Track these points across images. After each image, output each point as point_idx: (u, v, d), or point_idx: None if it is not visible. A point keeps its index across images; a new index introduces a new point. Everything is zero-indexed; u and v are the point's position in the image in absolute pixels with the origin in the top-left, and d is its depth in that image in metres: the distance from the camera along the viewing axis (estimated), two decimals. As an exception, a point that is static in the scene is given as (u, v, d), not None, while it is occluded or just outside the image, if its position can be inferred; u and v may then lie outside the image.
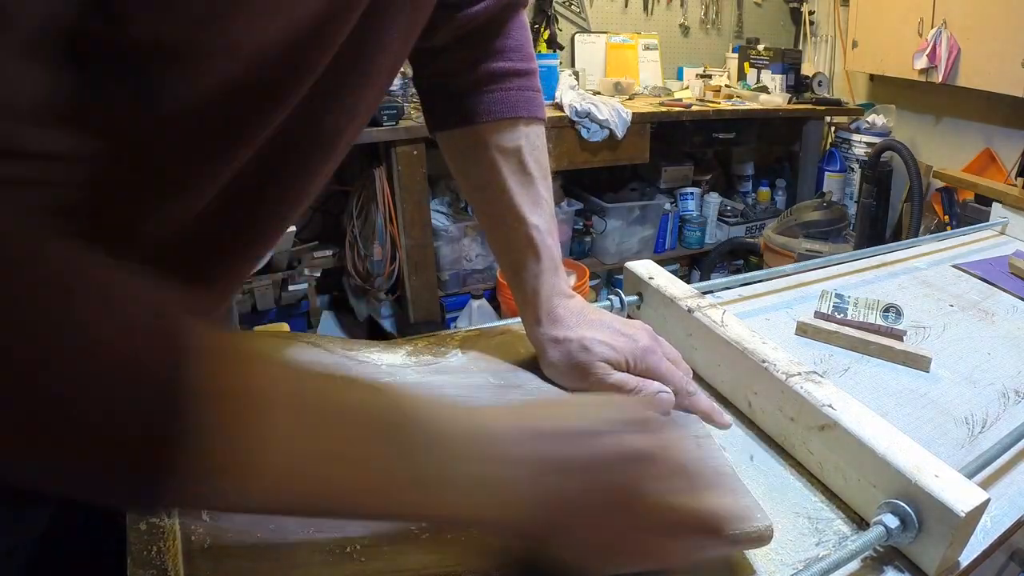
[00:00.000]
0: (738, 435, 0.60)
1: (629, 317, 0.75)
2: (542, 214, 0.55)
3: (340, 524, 0.39)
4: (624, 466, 0.34)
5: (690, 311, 0.67)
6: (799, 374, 0.56)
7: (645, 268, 0.75)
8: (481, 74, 0.53)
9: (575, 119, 2.21)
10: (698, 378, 0.68)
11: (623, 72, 2.77)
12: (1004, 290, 0.92)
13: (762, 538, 0.42)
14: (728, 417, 0.55)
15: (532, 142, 0.55)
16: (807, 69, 3.05)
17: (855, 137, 2.90)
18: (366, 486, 0.29)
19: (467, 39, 0.53)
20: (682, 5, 3.01)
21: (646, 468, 0.34)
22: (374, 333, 2.36)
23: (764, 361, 0.58)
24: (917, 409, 0.64)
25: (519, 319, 0.62)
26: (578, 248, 2.62)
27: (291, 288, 2.15)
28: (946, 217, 2.54)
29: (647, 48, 2.89)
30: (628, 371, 0.53)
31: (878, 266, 0.98)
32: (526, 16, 0.56)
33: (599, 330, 0.54)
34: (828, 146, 3.05)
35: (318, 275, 2.23)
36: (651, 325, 0.74)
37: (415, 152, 1.98)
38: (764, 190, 3.14)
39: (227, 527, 0.38)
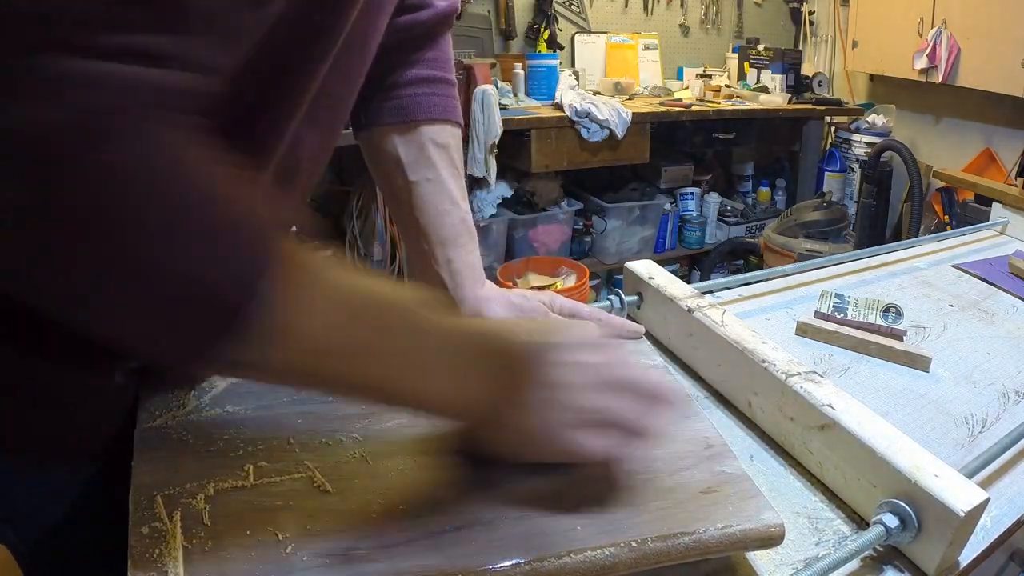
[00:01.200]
0: (738, 435, 0.60)
1: (629, 317, 0.75)
2: (467, 204, 0.64)
3: (339, 530, 0.38)
4: (564, 373, 0.40)
5: (690, 311, 0.67)
6: (799, 374, 0.56)
7: (645, 268, 0.76)
8: (416, 77, 0.61)
9: (575, 119, 2.21)
10: (697, 378, 0.68)
11: (623, 72, 2.77)
12: (1004, 290, 0.92)
13: (772, 539, 0.41)
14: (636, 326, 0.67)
15: (457, 143, 0.64)
16: (807, 69, 3.05)
17: (855, 137, 2.90)
18: (368, 362, 0.37)
19: (403, 44, 0.60)
20: (682, 5, 3.01)
21: (583, 376, 0.41)
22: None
23: (764, 361, 0.58)
24: (917, 409, 0.64)
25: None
26: (578, 248, 2.62)
27: (291, 288, 2.14)
28: (946, 217, 2.54)
29: (647, 48, 2.89)
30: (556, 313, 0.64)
31: (878, 266, 0.98)
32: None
33: (520, 293, 0.66)
34: (828, 146, 3.05)
35: (318, 275, 2.22)
36: (651, 325, 0.75)
37: (415, 152, 1.97)
38: (764, 190, 3.14)
39: (226, 531, 0.38)
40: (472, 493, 0.42)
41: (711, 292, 0.83)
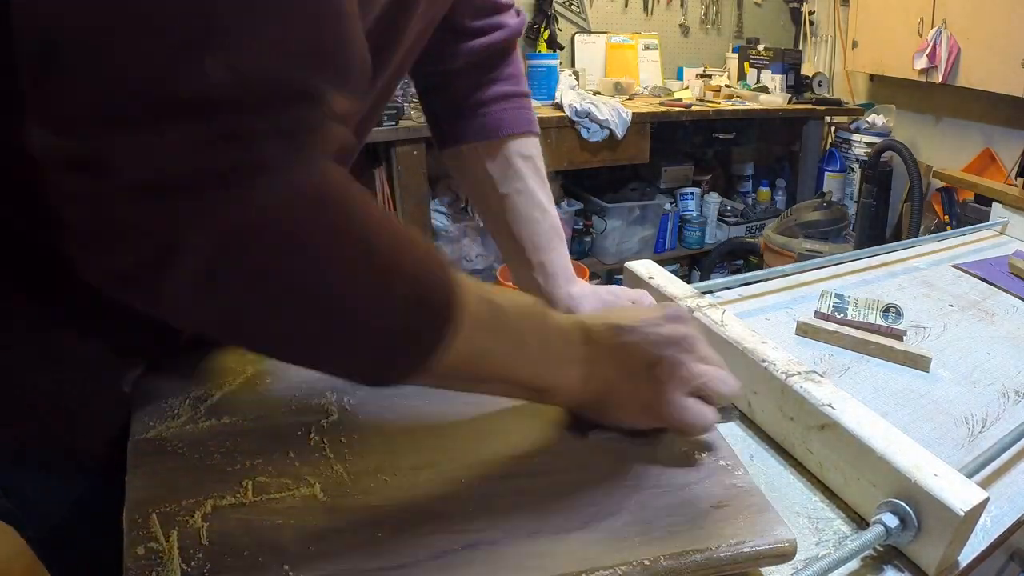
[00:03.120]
0: (738, 435, 0.60)
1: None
2: (554, 208, 0.69)
3: (342, 550, 0.37)
4: (658, 348, 0.46)
5: (690, 311, 0.67)
6: (799, 374, 0.56)
7: (645, 268, 0.76)
8: (497, 94, 0.66)
9: (575, 119, 2.21)
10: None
11: (623, 72, 2.76)
12: (1004, 290, 0.92)
13: (785, 554, 0.41)
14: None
15: (539, 152, 0.69)
16: (807, 69, 3.05)
17: (855, 137, 2.90)
18: (512, 362, 0.42)
19: (481, 64, 0.65)
20: (682, 5, 3.01)
21: (674, 348, 0.46)
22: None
23: (764, 361, 0.58)
24: (917, 409, 0.64)
25: None
26: (578, 248, 2.62)
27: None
28: (946, 217, 2.54)
29: (647, 48, 2.89)
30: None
31: (878, 266, 0.98)
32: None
33: (609, 289, 0.70)
34: (828, 146, 3.05)
35: (318, 275, 2.22)
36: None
37: (415, 152, 1.98)
38: (764, 190, 3.14)
39: (225, 552, 0.36)
40: (481, 510, 0.41)
41: (711, 292, 0.83)
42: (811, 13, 3.25)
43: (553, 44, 2.64)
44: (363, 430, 0.47)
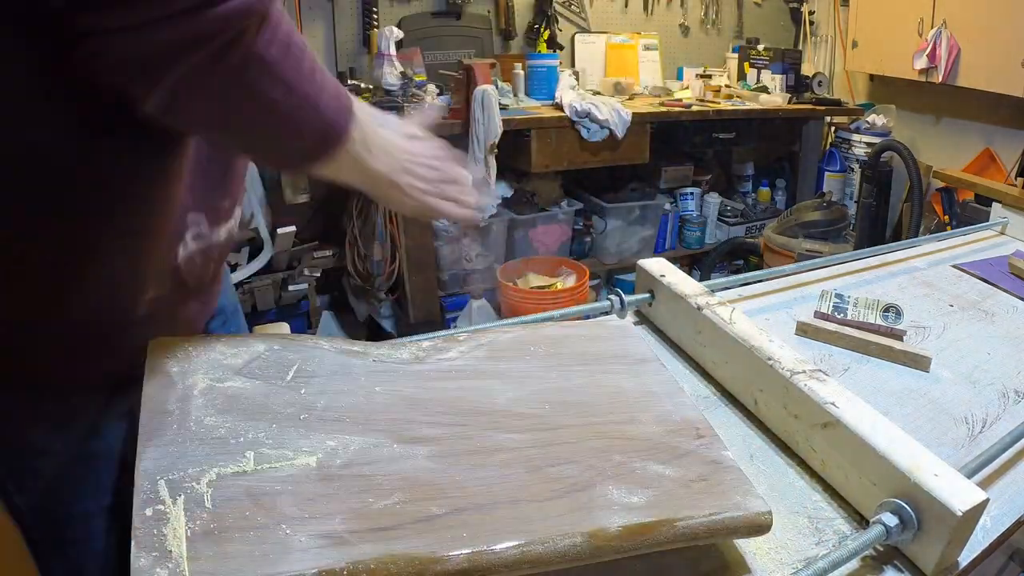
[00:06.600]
0: (742, 433, 0.60)
1: (638, 314, 0.75)
2: None
3: (336, 514, 0.39)
4: (414, 145, 0.59)
5: (699, 308, 0.67)
6: (803, 372, 0.56)
7: (657, 266, 0.76)
8: None
9: (575, 119, 2.20)
10: (706, 375, 0.68)
11: (623, 72, 2.76)
12: (1004, 290, 0.92)
13: (760, 526, 0.42)
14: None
15: None
16: (807, 69, 3.05)
17: (855, 137, 2.90)
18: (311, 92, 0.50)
19: None
20: (682, 5, 3.01)
21: (422, 151, 0.60)
22: (374, 333, 2.36)
23: (770, 359, 0.58)
24: (917, 409, 0.64)
25: (518, 319, 0.64)
26: (578, 248, 2.62)
27: (291, 288, 2.15)
28: (946, 217, 2.54)
29: (647, 48, 2.89)
30: None
31: (878, 266, 0.98)
32: None
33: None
34: (828, 146, 3.05)
35: (318, 275, 2.22)
36: (663, 322, 0.75)
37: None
38: (764, 190, 3.14)
39: (227, 513, 0.39)
40: (470, 481, 0.43)
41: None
42: (811, 13, 3.25)
43: (553, 44, 2.64)
44: (357, 408, 0.49)
